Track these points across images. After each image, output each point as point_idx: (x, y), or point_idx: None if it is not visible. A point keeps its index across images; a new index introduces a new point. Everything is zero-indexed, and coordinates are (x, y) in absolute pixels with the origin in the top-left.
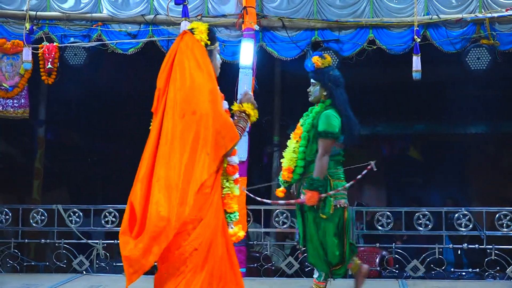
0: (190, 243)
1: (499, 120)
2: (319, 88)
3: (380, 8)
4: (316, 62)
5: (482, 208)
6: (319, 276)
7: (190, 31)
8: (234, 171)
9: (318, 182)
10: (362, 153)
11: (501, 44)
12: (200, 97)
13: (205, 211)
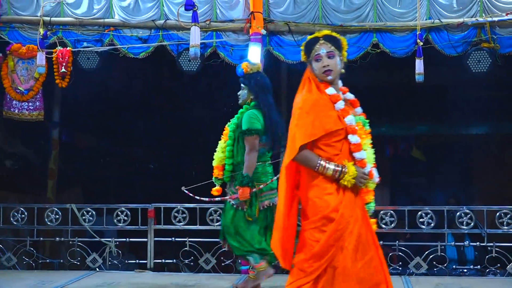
0: None
1: (500, 121)
2: (246, 91)
3: (384, 13)
4: (244, 68)
5: (483, 206)
6: (254, 259)
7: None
8: (362, 166)
9: (247, 178)
10: None
11: (501, 47)
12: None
13: None
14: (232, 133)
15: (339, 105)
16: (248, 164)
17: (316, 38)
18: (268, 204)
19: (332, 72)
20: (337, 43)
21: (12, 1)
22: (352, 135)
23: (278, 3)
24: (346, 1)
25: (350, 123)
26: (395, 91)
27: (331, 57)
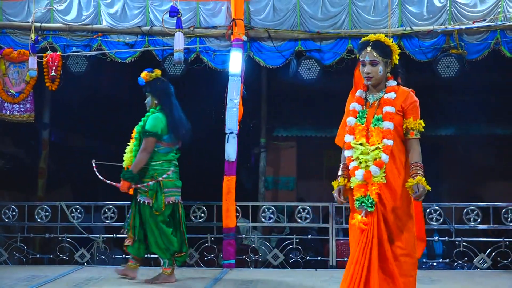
0: None
1: (467, 123)
2: (150, 98)
3: (358, 21)
4: (144, 77)
5: (451, 204)
6: (163, 263)
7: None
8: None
9: (129, 174)
10: None
11: (468, 53)
12: None
13: None
14: (138, 135)
15: (351, 106)
16: (137, 162)
17: (367, 42)
18: (173, 201)
19: (372, 78)
20: (385, 50)
21: (4, 8)
22: (347, 134)
23: (259, 11)
24: (323, 9)
25: (349, 124)
26: None
27: (374, 64)
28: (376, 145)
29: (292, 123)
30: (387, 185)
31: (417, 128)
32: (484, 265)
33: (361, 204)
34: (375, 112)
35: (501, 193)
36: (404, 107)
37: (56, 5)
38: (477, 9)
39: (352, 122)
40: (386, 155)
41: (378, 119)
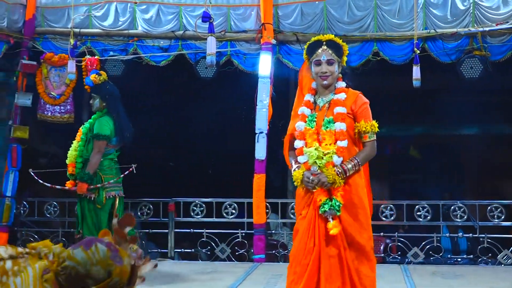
0: None
1: (490, 123)
2: (98, 100)
3: (383, 24)
4: (93, 79)
5: (475, 201)
6: None
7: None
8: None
9: (87, 176)
10: None
11: (492, 55)
12: None
13: None
14: (85, 135)
15: (300, 110)
16: (92, 164)
17: (320, 42)
18: (114, 195)
19: (328, 78)
20: (339, 50)
21: (46, 14)
22: (298, 140)
23: (287, 15)
24: (349, 13)
25: (298, 129)
26: (393, 96)
27: (331, 63)
28: (329, 148)
29: None
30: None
31: (370, 130)
32: (508, 261)
33: (330, 208)
34: (325, 114)
35: None
36: (354, 109)
37: (94, 12)
38: (500, 11)
39: (301, 126)
40: (339, 157)
41: (329, 121)
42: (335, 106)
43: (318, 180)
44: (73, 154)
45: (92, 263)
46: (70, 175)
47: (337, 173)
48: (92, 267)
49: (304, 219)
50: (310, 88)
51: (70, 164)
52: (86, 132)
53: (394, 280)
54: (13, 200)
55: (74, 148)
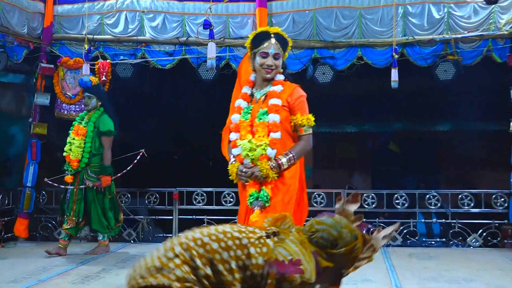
0: None
1: (462, 120)
2: (95, 99)
3: (367, 31)
4: (93, 81)
5: (448, 190)
6: (103, 237)
7: None
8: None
9: (110, 169)
10: (352, 147)
11: (463, 59)
12: None
13: None
14: (91, 133)
15: (237, 103)
16: (109, 158)
17: (268, 34)
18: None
19: (273, 72)
20: (285, 45)
21: (62, 22)
22: (232, 132)
23: (280, 23)
24: (336, 21)
25: (233, 121)
26: (375, 95)
27: (277, 58)
28: (262, 140)
29: None
30: (280, 180)
31: (307, 123)
32: (476, 243)
33: (256, 199)
34: (260, 106)
35: (492, 181)
36: (291, 102)
37: (106, 20)
38: (471, 20)
39: (236, 119)
40: (273, 149)
41: (263, 113)
42: (270, 97)
43: (252, 173)
44: (79, 151)
45: (342, 226)
46: (72, 170)
47: (271, 167)
48: (342, 229)
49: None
50: (248, 81)
51: (75, 159)
52: (92, 129)
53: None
54: (33, 190)
55: (79, 145)
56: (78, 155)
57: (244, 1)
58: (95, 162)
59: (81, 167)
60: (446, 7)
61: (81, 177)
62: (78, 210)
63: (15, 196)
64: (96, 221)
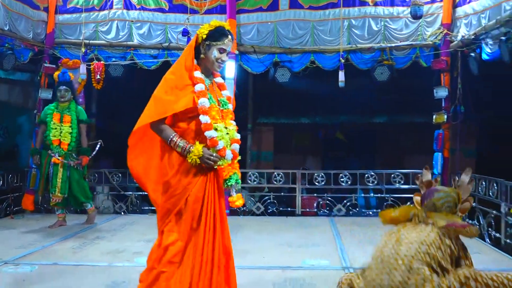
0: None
1: (395, 114)
2: (70, 92)
3: (318, 40)
4: (72, 76)
5: (383, 170)
6: (90, 205)
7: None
8: (213, 144)
9: (89, 152)
10: (306, 136)
11: (396, 64)
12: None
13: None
14: (75, 120)
15: (198, 87)
16: (86, 142)
17: (226, 31)
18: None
19: (223, 67)
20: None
21: (62, 29)
22: (203, 115)
23: (247, 32)
24: (293, 32)
25: (202, 104)
26: (325, 93)
27: (228, 54)
28: (231, 125)
29: (271, 113)
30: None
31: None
32: None
33: (235, 182)
34: (217, 94)
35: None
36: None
37: (100, 27)
38: (403, 32)
39: (206, 103)
40: (238, 134)
41: (224, 101)
42: (223, 89)
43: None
44: (68, 136)
45: (453, 191)
46: (63, 151)
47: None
48: (454, 194)
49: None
50: (194, 65)
51: (66, 143)
52: (75, 117)
53: (323, 229)
54: (38, 170)
55: (68, 131)
56: (68, 139)
57: (217, 13)
58: (76, 145)
59: (69, 150)
60: (382, 21)
61: (66, 158)
62: (64, 187)
63: (23, 176)
64: (82, 195)
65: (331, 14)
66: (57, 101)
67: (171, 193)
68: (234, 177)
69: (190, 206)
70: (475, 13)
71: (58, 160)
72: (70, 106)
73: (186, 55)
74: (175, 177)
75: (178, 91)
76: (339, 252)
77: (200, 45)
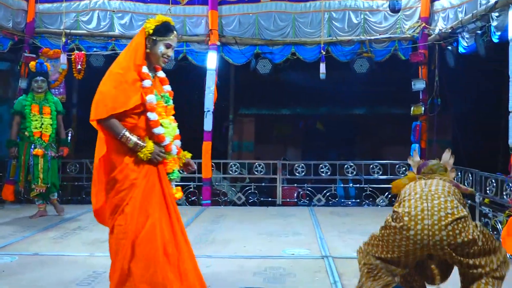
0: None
1: (374, 105)
2: (46, 83)
3: (299, 32)
4: (48, 66)
5: (362, 161)
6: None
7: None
8: (161, 140)
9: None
10: (286, 126)
11: (375, 56)
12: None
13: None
14: (55, 112)
15: (146, 83)
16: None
17: (172, 27)
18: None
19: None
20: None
21: (43, 18)
22: (150, 112)
23: (229, 24)
24: (274, 23)
25: (150, 101)
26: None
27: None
28: (173, 121)
29: (252, 104)
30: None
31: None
32: (383, 203)
33: (176, 177)
34: (160, 89)
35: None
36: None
37: (81, 17)
38: (382, 25)
39: (153, 99)
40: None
41: (167, 97)
42: (164, 83)
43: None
44: (49, 127)
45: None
46: (44, 143)
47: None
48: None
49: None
50: (142, 60)
51: (47, 134)
52: (54, 109)
53: (303, 217)
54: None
55: (49, 123)
56: (49, 131)
57: (198, 4)
58: (55, 136)
59: (49, 141)
60: (362, 14)
61: (47, 149)
62: (46, 177)
63: (2, 166)
64: (58, 184)
65: (312, 6)
66: (32, 92)
67: (118, 188)
68: (176, 172)
69: (138, 200)
70: (452, 7)
71: (41, 152)
72: (47, 97)
73: (135, 49)
74: (122, 172)
75: (127, 87)
76: (318, 241)
77: (146, 40)
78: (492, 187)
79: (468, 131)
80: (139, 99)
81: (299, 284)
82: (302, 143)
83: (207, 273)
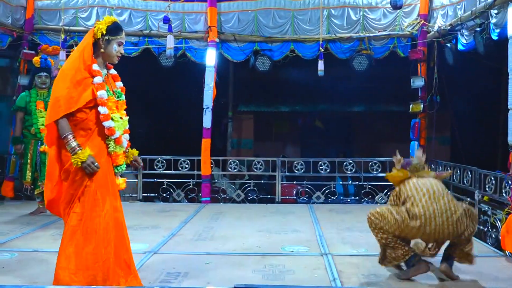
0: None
1: (373, 103)
2: (50, 80)
3: (298, 29)
4: (52, 62)
5: (361, 158)
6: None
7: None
8: (111, 133)
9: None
10: (285, 123)
11: (375, 53)
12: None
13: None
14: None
15: (97, 79)
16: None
17: (121, 26)
18: None
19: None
20: None
21: (42, 15)
22: (101, 106)
23: (227, 20)
24: (273, 20)
25: (101, 96)
26: (305, 81)
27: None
28: (124, 115)
29: (251, 101)
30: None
31: None
32: (382, 201)
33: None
34: (112, 86)
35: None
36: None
37: (80, 14)
38: (381, 22)
39: (104, 94)
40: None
41: (119, 92)
42: (116, 80)
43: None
44: (42, 121)
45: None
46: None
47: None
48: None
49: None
50: (92, 59)
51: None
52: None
53: (303, 215)
54: (17, 157)
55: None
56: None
57: (197, 1)
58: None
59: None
60: (361, 11)
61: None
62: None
63: (2, 162)
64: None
65: (311, 3)
66: (35, 88)
67: (72, 178)
68: (123, 165)
69: (92, 188)
70: (451, 4)
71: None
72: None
73: (84, 49)
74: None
75: (78, 85)
76: (317, 238)
77: (100, 40)
78: (491, 184)
79: (467, 129)
80: (90, 94)
81: (298, 281)
82: (301, 140)
83: (206, 269)
